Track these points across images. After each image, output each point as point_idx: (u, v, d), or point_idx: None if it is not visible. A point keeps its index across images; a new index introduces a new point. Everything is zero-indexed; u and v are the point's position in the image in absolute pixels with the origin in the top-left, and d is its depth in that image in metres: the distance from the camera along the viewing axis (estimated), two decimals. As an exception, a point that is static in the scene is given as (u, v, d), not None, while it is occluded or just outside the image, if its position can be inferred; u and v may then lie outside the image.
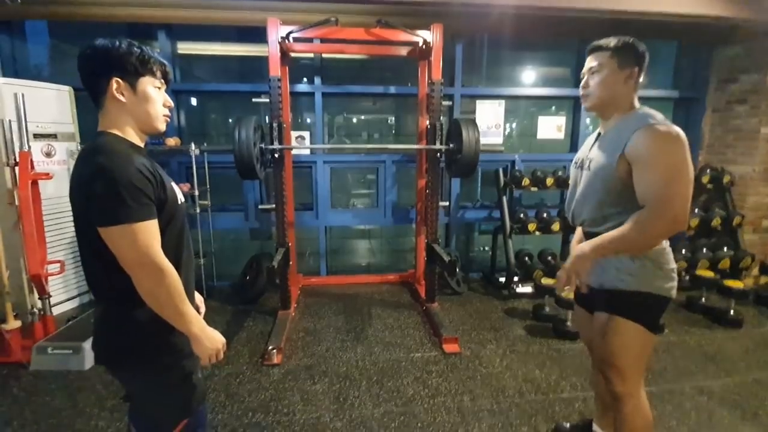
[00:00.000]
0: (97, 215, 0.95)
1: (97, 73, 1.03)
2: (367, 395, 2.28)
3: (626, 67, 1.34)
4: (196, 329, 1.07)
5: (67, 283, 3.28)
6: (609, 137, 1.38)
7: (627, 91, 1.36)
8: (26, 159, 2.55)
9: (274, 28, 2.86)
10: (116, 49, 1.02)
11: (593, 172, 1.40)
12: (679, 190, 1.22)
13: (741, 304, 3.38)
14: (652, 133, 1.24)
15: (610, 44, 1.35)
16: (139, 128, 1.09)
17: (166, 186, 1.07)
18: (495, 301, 3.63)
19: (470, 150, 2.87)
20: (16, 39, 3.42)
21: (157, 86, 1.10)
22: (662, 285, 1.38)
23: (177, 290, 1.02)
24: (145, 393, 1.14)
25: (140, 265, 0.97)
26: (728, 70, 3.96)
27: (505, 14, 3.05)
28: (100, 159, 0.95)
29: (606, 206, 1.38)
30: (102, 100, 1.04)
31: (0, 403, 2.19)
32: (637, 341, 1.41)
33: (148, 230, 0.98)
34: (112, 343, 1.09)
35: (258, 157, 2.84)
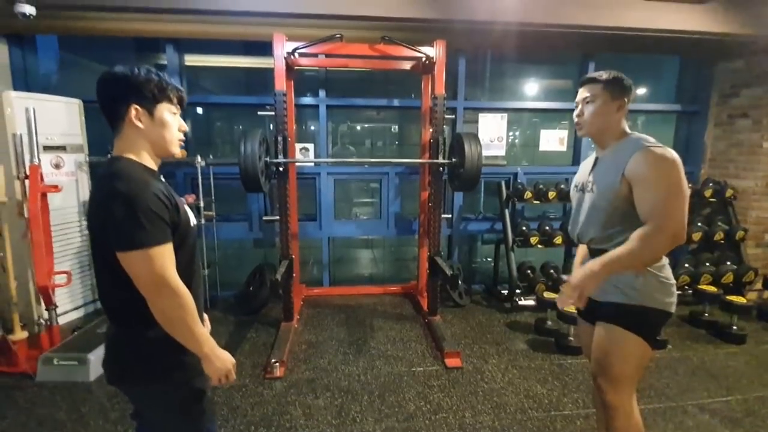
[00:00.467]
0: (116, 240, 0.98)
1: (116, 100, 1.06)
2: (369, 410, 2.29)
3: (617, 98, 1.46)
4: (207, 350, 1.09)
5: (73, 293, 3.31)
6: (607, 161, 1.48)
7: (618, 119, 1.48)
8: (36, 172, 2.60)
9: (280, 43, 2.91)
10: (135, 76, 1.05)
11: (597, 194, 1.49)
12: (677, 206, 1.32)
13: (744, 319, 3.37)
14: (650, 155, 1.35)
15: (602, 77, 1.47)
16: (155, 152, 1.12)
17: (180, 209, 1.10)
18: (497, 313, 3.64)
19: (472, 165, 2.90)
20: (27, 52, 3.48)
21: (173, 112, 1.13)
22: (663, 300, 1.44)
23: (190, 312, 1.05)
24: (156, 412, 1.16)
25: (156, 288, 1.00)
26: (730, 85, 3.98)
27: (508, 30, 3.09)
28: (118, 184, 0.98)
29: (612, 224, 1.46)
30: (120, 125, 1.07)
31: (5, 414, 2.22)
32: (634, 352, 1.46)
33: (164, 254, 1.01)
34: (124, 363, 1.11)
35: (263, 171, 2.87)
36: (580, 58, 4.06)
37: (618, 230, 1.45)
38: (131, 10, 2.83)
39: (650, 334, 1.47)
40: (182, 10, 2.82)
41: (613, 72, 1.49)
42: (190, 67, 3.87)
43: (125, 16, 3.07)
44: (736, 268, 3.63)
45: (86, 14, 3.04)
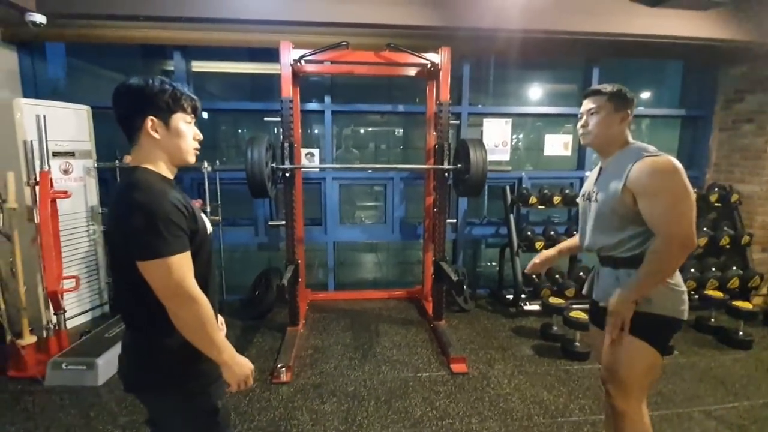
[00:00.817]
0: (136, 249, 1.00)
1: (133, 112, 1.08)
2: (376, 416, 2.30)
3: (621, 110, 1.49)
4: (227, 356, 1.11)
5: (80, 297, 3.34)
6: (610, 170, 1.52)
7: (621, 130, 1.52)
8: (47, 178, 2.63)
9: (287, 50, 2.94)
10: (150, 88, 1.06)
11: (601, 203, 1.52)
12: (681, 214, 1.34)
13: (750, 325, 3.36)
14: (648, 164, 1.39)
15: (606, 90, 1.51)
16: (171, 162, 1.14)
17: (197, 217, 1.12)
18: (502, 318, 3.64)
19: (478, 171, 2.91)
20: (36, 59, 3.53)
21: (188, 121, 1.14)
22: (675, 307, 1.45)
23: (209, 319, 1.06)
24: (173, 419, 1.18)
25: (175, 296, 1.02)
26: (734, 90, 3.99)
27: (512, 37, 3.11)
28: (137, 195, 1.00)
29: (619, 232, 1.49)
30: (136, 136, 1.09)
31: (15, 418, 2.24)
32: (644, 360, 1.47)
33: (183, 262, 1.02)
34: (141, 370, 1.13)
35: (269, 176, 2.89)
36: (584, 63, 4.08)
37: (625, 237, 1.48)
38: (141, 19, 2.86)
39: (660, 341, 1.48)
40: (191, 18, 2.85)
41: (617, 85, 1.53)
42: (196, 73, 3.91)
43: (134, 24, 3.11)
44: (742, 273, 3.62)
45: (96, 22, 3.09)
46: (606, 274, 1.59)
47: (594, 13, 2.99)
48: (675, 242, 1.35)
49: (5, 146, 2.84)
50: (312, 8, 2.87)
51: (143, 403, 1.22)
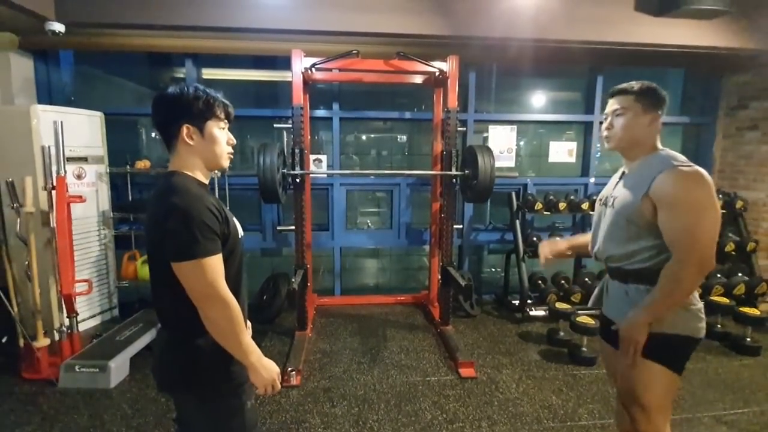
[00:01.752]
0: (171, 251, 1.04)
1: (169, 121, 1.13)
2: (386, 419, 2.32)
3: (650, 111, 1.38)
4: (254, 358, 1.14)
5: (91, 301, 3.37)
6: (633, 176, 1.42)
7: (650, 133, 1.39)
8: (63, 183, 2.68)
9: (298, 58, 3.00)
10: (185, 96, 1.11)
11: (617, 210, 1.43)
12: (704, 231, 1.24)
13: (758, 331, 3.37)
14: (677, 175, 1.28)
15: (634, 88, 1.38)
16: (207, 167, 1.18)
17: (230, 221, 1.16)
18: (509, 324, 3.65)
19: (486, 177, 2.95)
20: (51, 67, 3.60)
21: (221, 127, 1.18)
22: (689, 325, 1.36)
23: (238, 321, 1.09)
24: (203, 418, 1.20)
25: (207, 297, 1.05)
26: (738, 97, 4.03)
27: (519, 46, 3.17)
28: (175, 199, 1.04)
29: (631, 243, 1.40)
30: (173, 143, 1.14)
31: (30, 420, 2.26)
32: (661, 382, 1.39)
33: (215, 265, 1.06)
34: (176, 370, 1.16)
35: (280, 182, 2.94)
36: (588, 71, 4.13)
37: (637, 248, 1.39)
38: (157, 28, 2.93)
39: (676, 362, 1.38)
40: (206, 27, 2.92)
41: (646, 83, 1.40)
42: (207, 80, 3.98)
43: (148, 33, 3.18)
44: (748, 279, 3.63)
45: (111, 31, 3.16)
46: (615, 288, 1.50)
47: (600, 23, 3.05)
48: (692, 262, 1.24)
49: (22, 152, 2.89)
50: (324, 17, 2.93)
51: (174, 401, 1.25)
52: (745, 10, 3.12)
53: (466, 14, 2.94)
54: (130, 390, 2.55)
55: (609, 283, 1.54)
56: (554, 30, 2.99)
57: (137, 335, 2.93)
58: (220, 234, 1.09)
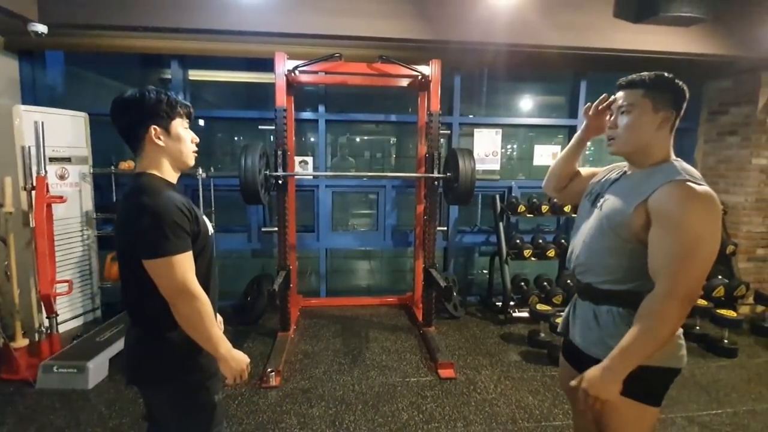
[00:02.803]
0: (142, 249, 1.07)
1: (135, 123, 1.15)
2: (363, 420, 2.33)
3: (662, 109, 1.14)
4: (224, 350, 1.17)
5: (73, 301, 3.37)
6: (633, 180, 1.20)
7: (662, 138, 1.17)
8: (43, 183, 2.68)
9: (282, 61, 3.02)
10: (148, 99, 1.14)
11: (605, 215, 1.21)
12: (699, 263, 1.04)
13: (736, 333, 3.42)
14: (684, 191, 1.06)
15: (644, 79, 1.16)
16: (174, 166, 1.22)
17: (200, 220, 1.19)
18: (492, 325, 3.68)
19: (466, 179, 2.98)
20: (36, 67, 3.60)
21: (185, 126, 1.22)
22: (666, 355, 1.15)
23: (208, 315, 1.13)
24: (172, 412, 1.22)
25: (179, 293, 1.08)
26: (718, 103, 4.10)
27: (500, 51, 3.21)
28: (145, 199, 1.08)
29: (611, 257, 1.20)
30: (140, 145, 1.16)
31: (6, 420, 2.26)
32: (636, 420, 1.20)
33: (185, 261, 1.09)
34: (145, 364, 1.19)
35: (262, 183, 2.96)
36: (572, 76, 4.18)
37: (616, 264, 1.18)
38: (139, 29, 2.94)
39: (650, 396, 1.19)
40: (189, 29, 2.94)
41: (660, 73, 1.16)
42: (193, 82, 3.99)
43: (132, 34, 3.19)
44: (728, 282, 3.68)
45: (96, 32, 3.17)
46: (584, 308, 1.30)
47: (578, 29, 3.10)
48: (680, 297, 1.04)
49: (4, 152, 2.90)
50: (307, 21, 2.96)
51: (143, 396, 1.28)
52: (721, 17, 3.18)
53: (446, 19, 2.98)
54: (108, 391, 2.55)
55: (577, 303, 1.35)
56: (533, 35, 3.03)
57: (118, 336, 2.93)
58: (189, 232, 1.12)
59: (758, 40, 3.25)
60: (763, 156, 3.84)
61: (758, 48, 3.28)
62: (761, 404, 2.56)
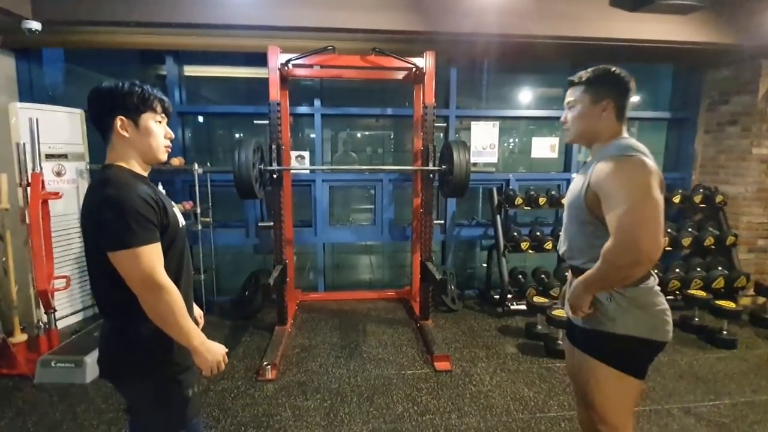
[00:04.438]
0: (106, 241, 1.06)
1: (103, 113, 1.15)
2: (357, 412, 2.34)
3: (600, 100, 1.29)
4: (197, 342, 1.16)
5: (72, 297, 3.39)
6: (585, 168, 1.36)
7: (606, 123, 1.30)
8: (38, 180, 2.69)
9: (275, 55, 3.01)
10: (119, 90, 1.14)
11: (567, 203, 1.39)
12: (644, 218, 1.12)
13: (736, 324, 3.39)
14: (613, 162, 1.20)
15: (582, 78, 1.32)
16: (143, 159, 1.21)
17: (168, 212, 1.18)
18: (489, 318, 3.68)
19: (461, 171, 2.97)
20: (32, 65, 3.61)
21: (158, 120, 1.21)
22: (646, 327, 1.24)
23: (178, 306, 1.11)
24: (144, 405, 1.22)
25: (144, 284, 1.07)
26: (719, 93, 4.05)
27: (494, 42, 3.18)
28: (108, 190, 1.07)
29: (581, 239, 1.32)
30: (109, 136, 1.16)
31: (4, 415, 2.28)
32: (616, 389, 1.28)
33: (152, 253, 1.08)
34: (116, 357, 1.18)
35: (257, 178, 2.95)
36: (570, 67, 4.14)
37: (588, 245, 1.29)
38: (133, 25, 2.94)
39: (631, 366, 1.27)
40: (181, 24, 2.93)
41: (598, 69, 1.30)
42: (189, 78, 3.99)
43: (126, 30, 3.18)
44: (728, 273, 3.65)
45: (89, 29, 3.17)
46: None
47: (574, 18, 3.06)
48: (630, 249, 1.13)
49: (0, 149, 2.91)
50: (299, 14, 2.94)
51: (118, 389, 1.27)
52: (718, 5, 3.13)
53: (440, 10, 2.95)
54: (106, 385, 2.56)
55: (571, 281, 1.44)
56: (528, 26, 3.00)
57: (116, 331, 2.95)
58: (157, 223, 1.11)
59: (758, 27, 3.20)
60: (764, 146, 3.79)
61: (758, 36, 3.23)
62: (760, 395, 2.54)
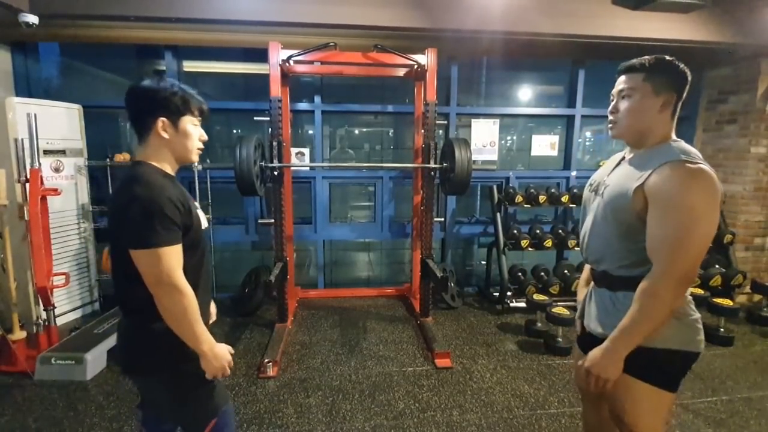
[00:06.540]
0: (129, 239, 1.07)
1: (145, 112, 1.15)
2: (359, 409, 2.35)
3: (663, 92, 1.15)
4: (206, 347, 1.16)
5: (71, 294, 3.37)
6: (632, 165, 1.20)
7: (662, 120, 1.17)
8: (36, 176, 2.67)
9: (275, 51, 2.99)
10: (163, 90, 1.14)
11: (606, 201, 1.22)
12: (696, 242, 1.05)
13: (733, 322, 3.42)
14: (680, 170, 1.06)
15: (644, 63, 1.16)
16: (176, 160, 1.22)
17: (193, 213, 1.18)
18: (489, 315, 3.69)
19: (463, 169, 2.97)
20: (29, 59, 3.57)
21: (195, 123, 1.22)
22: (684, 338, 1.16)
23: (193, 311, 1.12)
24: (172, 400, 1.23)
25: (161, 285, 1.08)
26: (717, 91, 4.06)
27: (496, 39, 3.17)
28: (137, 189, 1.07)
29: (619, 242, 1.19)
30: (146, 134, 1.17)
31: (4, 412, 2.27)
32: (653, 405, 1.19)
33: (172, 254, 1.08)
34: (136, 354, 1.19)
35: (258, 175, 2.94)
36: (571, 65, 4.14)
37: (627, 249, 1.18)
38: (132, 19, 2.90)
39: (669, 381, 1.18)
40: (181, 19, 2.90)
41: (660, 57, 1.16)
42: (188, 73, 3.96)
43: (126, 24, 3.14)
44: (725, 271, 3.68)
45: (87, 23, 3.13)
46: (600, 296, 1.28)
47: (576, 16, 3.06)
48: (676, 276, 1.05)
49: (-3, 144, 2.88)
50: (300, 9, 2.92)
51: (137, 385, 1.29)
52: (720, 4, 3.14)
53: (442, 6, 2.94)
54: (107, 382, 2.57)
55: (594, 291, 1.33)
56: (530, 23, 2.99)
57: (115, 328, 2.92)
58: (181, 225, 1.11)
59: (758, 26, 3.21)
60: (762, 144, 3.82)
61: (758, 35, 3.25)
62: (756, 392, 2.57)
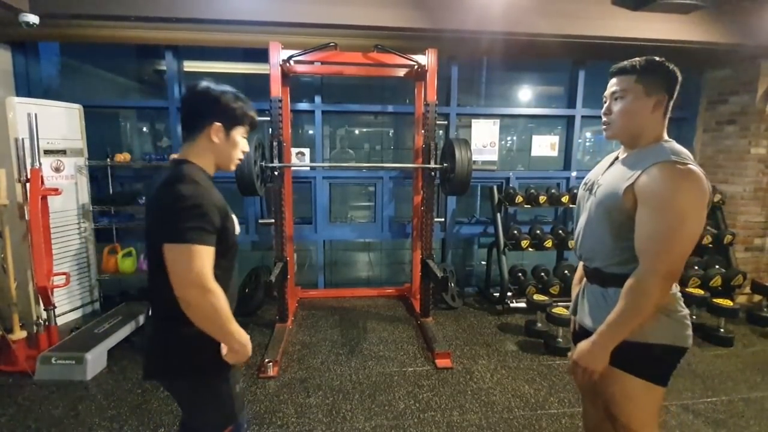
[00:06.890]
0: (166, 232, 1.05)
1: (202, 114, 1.16)
2: (359, 409, 2.35)
3: (654, 93, 1.18)
4: (237, 345, 1.15)
5: (71, 294, 3.37)
6: (624, 165, 1.23)
7: (655, 121, 1.20)
8: (37, 176, 2.67)
9: (276, 51, 2.99)
10: (226, 98, 1.16)
11: (599, 200, 1.26)
12: (682, 240, 1.09)
13: (733, 322, 3.43)
14: (669, 172, 1.10)
15: (635, 65, 1.19)
16: (216, 165, 1.23)
17: (229, 218, 1.19)
18: (489, 316, 3.69)
19: (463, 170, 2.97)
20: (29, 59, 3.56)
21: (244, 135, 1.24)
22: (672, 333, 1.20)
23: (224, 308, 1.09)
24: (195, 404, 1.23)
25: (191, 284, 1.04)
26: (717, 92, 4.07)
27: (497, 39, 3.18)
28: (182, 187, 1.07)
29: (611, 241, 1.23)
30: (196, 134, 1.17)
31: (4, 411, 2.27)
32: (642, 398, 1.23)
33: (205, 255, 1.07)
34: (167, 358, 1.18)
35: (258, 175, 2.94)
36: (571, 65, 4.15)
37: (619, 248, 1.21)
38: (132, 19, 2.90)
39: (659, 375, 1.22)
40: (181, 19, 2.90)
41: (651, 58, 1.19)
42: (189, 73, 3.95)
43: (126, 24, 3.15)
44: (725, 271, 3.69)
45: (87, 23, 3.13)
46: (593, 291, 1.32)
47: (576, 17, 3.06)
48: (662, 273, 1.09)
49: (-3, 144, 2.88)
50: (301, 9, 2.92)
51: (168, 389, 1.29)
52: (720, 5, 3.14)
53: (442, 7, 2.94)
54: (107, 382, 2.57)
55: (587, 288, 1.37)
56: (530, 23, 3.00)
57: (116, 328, 2.94)
58: (219, 228, 1.11)
59: (758, 27, 3.22)
60: (762, 145, 3.82)
61: (758, 36, 3.25)
62: (756, 392, 2.57)
